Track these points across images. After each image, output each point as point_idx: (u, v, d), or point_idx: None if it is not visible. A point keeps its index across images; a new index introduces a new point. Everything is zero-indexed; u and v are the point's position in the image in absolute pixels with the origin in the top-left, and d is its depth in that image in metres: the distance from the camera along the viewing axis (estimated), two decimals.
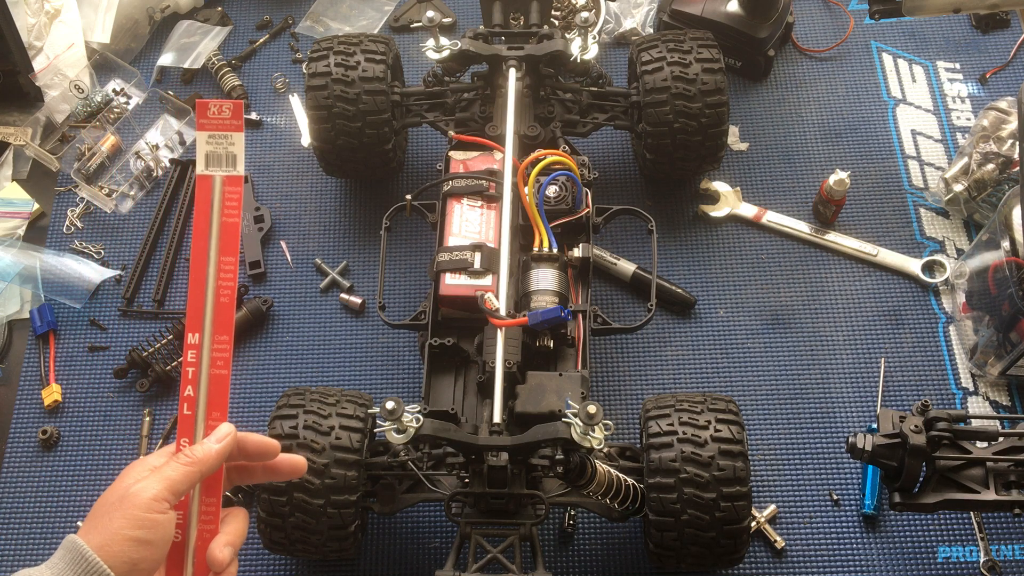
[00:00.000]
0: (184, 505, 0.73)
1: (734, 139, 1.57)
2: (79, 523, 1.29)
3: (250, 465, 0.79)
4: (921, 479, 1.09)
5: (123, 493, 0.70)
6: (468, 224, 1.27)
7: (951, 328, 1.41)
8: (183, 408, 0.75)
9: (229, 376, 0.77)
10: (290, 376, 1.40)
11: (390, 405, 1.00)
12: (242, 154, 0.79)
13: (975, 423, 1.27)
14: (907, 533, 1.26)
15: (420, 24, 1.70)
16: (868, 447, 1.08)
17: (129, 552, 0.67)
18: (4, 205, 1.54)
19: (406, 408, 1.02)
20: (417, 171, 1.56)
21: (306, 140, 1.59)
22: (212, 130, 0.78)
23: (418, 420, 1.02)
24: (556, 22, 1.64)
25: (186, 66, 1.65)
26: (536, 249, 1.24)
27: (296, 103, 1.64)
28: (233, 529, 0.75)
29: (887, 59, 1.65)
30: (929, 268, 1.45)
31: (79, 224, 1.54)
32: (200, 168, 0.78)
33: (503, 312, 1.16)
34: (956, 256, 1.46)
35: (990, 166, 1.43)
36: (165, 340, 1.39)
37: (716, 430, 1.08)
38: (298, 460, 0.79)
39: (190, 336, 0.76)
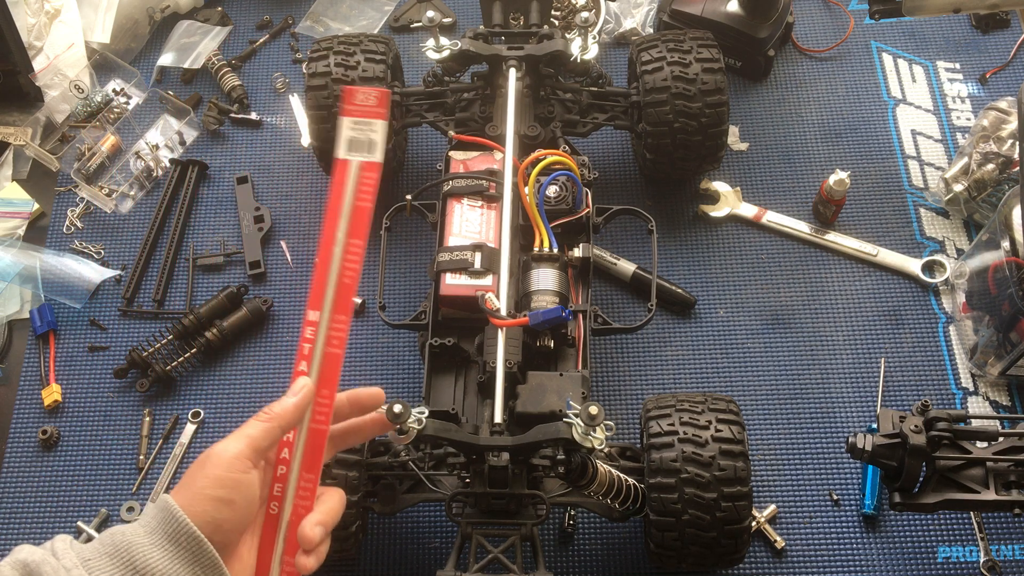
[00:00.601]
0: (283, 479, 0.74)
1: (734, 139, 1.57)
2: (79, 523, 1.29)
3: (361, 424, 0.82)
4: (921, 479, 1.09)
5: (208, 454, 0.71)
6: (468, 224, 1.27)
7: (951, 328, 1.41)
8: (296, 382, 0.77)
9: (342, 356, 0.78)
10: (290, 376, 1.39)
11: (397, 408, 1.00)
12: (383, 141, 0.79)
13: (975, 423, 1.27)
14: (907, 533, 1.26)
15: (420, 24, 1.70)
16: (868, 447, 1.08)
17: (212, 511, 0.68)
18: (4, 205, 1.54)
19: (413, 411, 1.01)
20: (417, 171, 1.56)
21: (306, 140, 1.59)
22: (357, 116, 0.79)
23: (420, 423, 1.02)
24: (556, 22, 1.64)
25: (186, 66, 1.65)
26: (536, 249, 1.24)
27: (296, 103, 1.64)
28: (327, 508, 0.75)
29: (887, 59, 1.66)
30: (929, 268, 1.45)
31: (79, 224, 1.54)
32: (341, 152, 0.79)
33: (503, 312, 1.16)
34: (956, 256, 1.46)
35: (990, 166, 1.43)
36: (165, 340, 1.39)
37: (717, 430, 1.08)
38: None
39: (311, 313, 0.78)
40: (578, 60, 1.37)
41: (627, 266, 1.43)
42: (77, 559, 0.67)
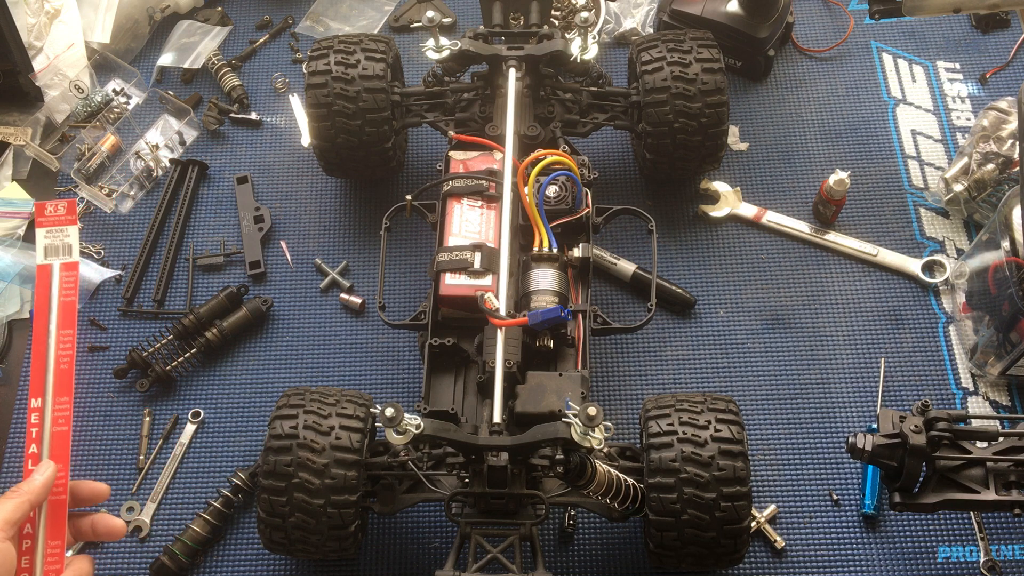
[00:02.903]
0: (31, 551, 0.83)
1: (734, 139, 1.57)
2: None
3: (80, 521, 0.88)
4: (921, 479, 1.09)
5: None
6: (468, 224, 1.27)
7: (951, 328, 1.41)
8: (27, 464, 0.87)
9: (70, 432, 0.89)
10: (290, 376, 1.40)
11: (389, 412, 1.00)
12: (76, 243, 0.92)
13: (975, 423, 1.27)
14: (907, 533, 1.26)
15: (420, 24, 1.70)
16: (868, 447, 1.08)
17: None
18: (4, 205, 1.54)
19: (406, 414, 1.01)
20: (417, 171, 1.56)
21: (306, 140, 1.59)
22: (49, 225, 0.91)
23: (418, 427, 1.02)
24: (556, 22, 1.64)
25: (186, 66, 1.65)
26: (536, 249, 1.24)
27: (296, 103, 1.64)
28: (77, 570, 0.84)
29: (887, 59, 1.65)
30: (929, 268, 1.45)
31: (79, 224, 1.54)
32: (40, 259, 0.90)
33: (503, 312, 1.16)
34: (956, 256, 1.46)
35: (990, 166, 1.43)
36: (165, 340, 1.39)
37: (716, 430, 1.08)
38: (116, 522, 0.89)
39: (33, 401, 0.90)
40: (578, 60, 1.37)
41: (627, 266, 1.43)
42: None
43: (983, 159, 1.44)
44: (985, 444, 1.10)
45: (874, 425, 1.30)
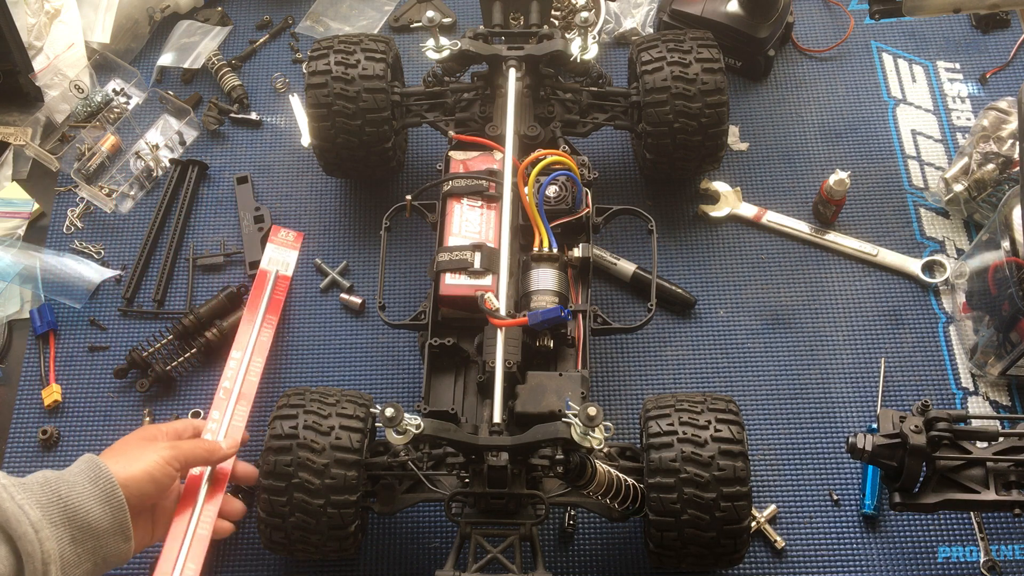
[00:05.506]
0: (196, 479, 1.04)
1: (734, 139, 1.57)
2: None
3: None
4: (921, 479, 1.09)
5: (152, 443, 0.94)
6: (468, 224, 1.27)
7: (951, 328, 1.41)
8: (218, 392, 1.10)
9: (258, 383, 1.15)
10: (290, 376, 1.40)
11: (389, 412, 1.00)
12: (294, 264, 1.37)
13: (975, 423, 1.27)
14: (907, 533, 1.26)
15: (420, 24, 1.70)
16: (868, 447, 1.08)
17: (142, 483, 0.90)
18: (4, 205, 1.54)
19: (406, 414, 1.01)
20: (417, 171, 1.56)
21: (306, 140, 1.59)
22: (279, 245, 1.36)
23: (418, 427, 1.02)
24: (556, 22, 1.64)
25: (186, 66, 1.65)
26: (536, 249, 1.24)
27: (296, 103, 1.64)
28: (240, 507, 1.05)
29: (887, 59, 1.65)
30: (929, 268, 1.45)
31: (79, 224, 1.54)
32: (264, 264, 1.36)
33: (503, 312, 1.16)
34: (956, 256, 1.46)
35: (990, 166, 1.43)
36: (165, 340, 1.39)
37: (716, 430, 1.08)
38: (252, 468, 1.07)
39: (234, 352, 1.23)
40: (578, 60, 1.37)
41: (627, 266, 1.43)
42: (8, 480, 0.86)
43: (983, 159, 1.44)
44: (985, 444, 1.10)
45: (874, 425, 1.30)
